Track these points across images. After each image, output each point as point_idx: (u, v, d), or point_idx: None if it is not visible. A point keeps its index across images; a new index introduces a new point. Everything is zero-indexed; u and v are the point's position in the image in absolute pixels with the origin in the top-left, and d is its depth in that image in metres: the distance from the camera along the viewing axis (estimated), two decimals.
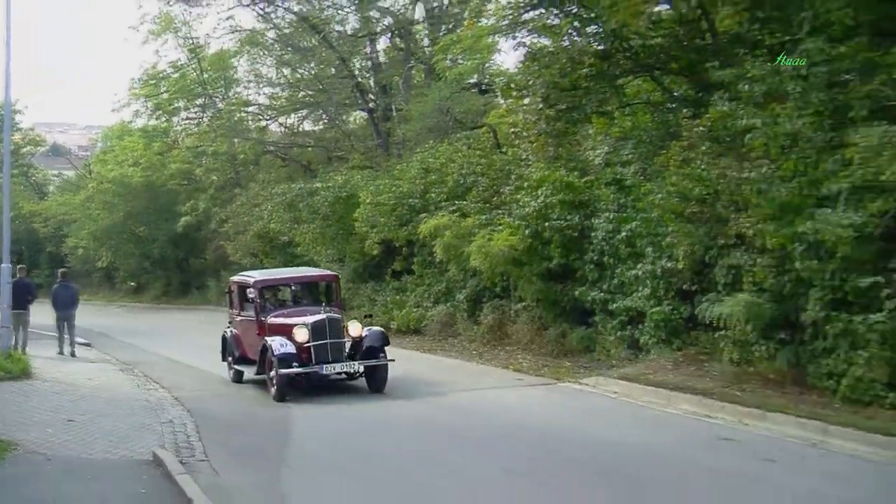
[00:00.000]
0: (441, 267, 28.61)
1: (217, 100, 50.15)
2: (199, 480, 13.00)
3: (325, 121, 46.83)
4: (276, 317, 21.65)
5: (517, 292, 25.59)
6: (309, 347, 20.21)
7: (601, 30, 23.93)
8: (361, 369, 20.77)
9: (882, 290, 15.28)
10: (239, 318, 23.30)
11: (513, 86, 28.03)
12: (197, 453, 15.10)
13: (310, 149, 46.87)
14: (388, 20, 43.19)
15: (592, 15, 23.80)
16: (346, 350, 20.78)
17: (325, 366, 20.18)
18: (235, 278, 24.82)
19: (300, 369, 20.03)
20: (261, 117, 49.23)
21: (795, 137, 17.34)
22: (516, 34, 27.29)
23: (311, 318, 20.61)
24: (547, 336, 24.29)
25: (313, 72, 44.81)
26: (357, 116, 46.67)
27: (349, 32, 43.29)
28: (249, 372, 22.02)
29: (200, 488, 12.49)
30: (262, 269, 33.85)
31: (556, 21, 25.15)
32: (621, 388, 19.27)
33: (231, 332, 23.53)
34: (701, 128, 19.49)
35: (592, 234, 22.72)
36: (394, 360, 21.01)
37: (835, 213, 15.76)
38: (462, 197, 28.55)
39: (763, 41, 20.16)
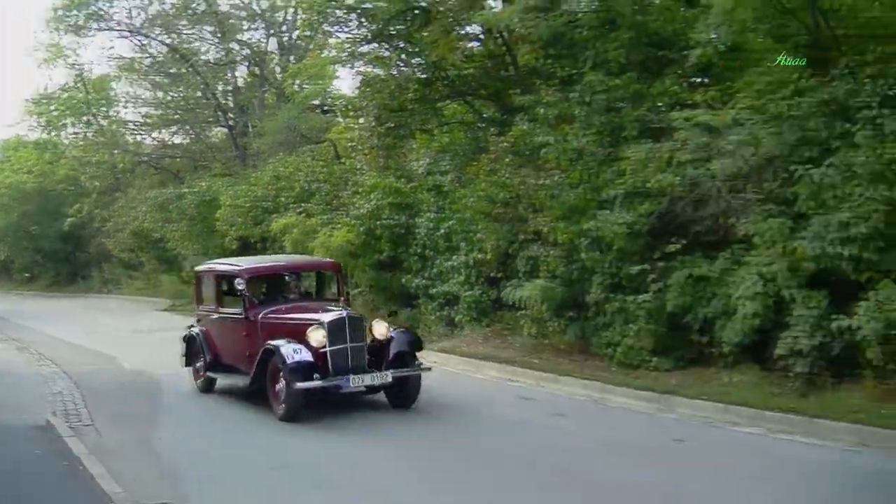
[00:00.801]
0: None
1: (99, 117, 48.86)
2: (85, 442, 12.60)
3: (192, 135, 46.06)
4: (272, 314, 15.16)
5: (354, 280, 25.27)
6: (324, 353, 13.79)
7: (424, 62, 24.00)
8: (390, 380, 14.16)
9: (648, 275, 15.58)
10: (214, 316, 16.63)
11: (350, 107, 28.17)
12: (83, 419, 14.57)
13: (178, 159, 45.83)
14: (245, 51, 42.71)
15: (417, 49, 23.92)
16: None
17: (350, 377, 13.72)
18: (204, 267, 18.10)
19: (322, 382, 13.55)
20: (137, 132, 48.18)
21: (581, 152, 17.61)
22: (353, 64, 27.33)
23: (327, 316, 14.17)
24: (379, 316, 23.97)
25: (182, 94, 44.03)
26: (219, 132, 45.98)
27: (213, 61, 42.70)
28: (227, 379, 16.13)
29: (86, 448, 12.12)
30: (140, 262, 32.94)
31: (387, 54, 25.22)
32: (440, 358, 19.12)
33: (199, 331, 16.81)
34: (505, 143, 19.63)
35: (416, 231, 22.57)
36: (430, 369, 15.20)
37: (612, 213, 16.01)
38: (307, 200, 28.10)
39: (556, 73, 20.39)
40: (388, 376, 14.06)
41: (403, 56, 24.88)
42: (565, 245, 17.00)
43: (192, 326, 17.26)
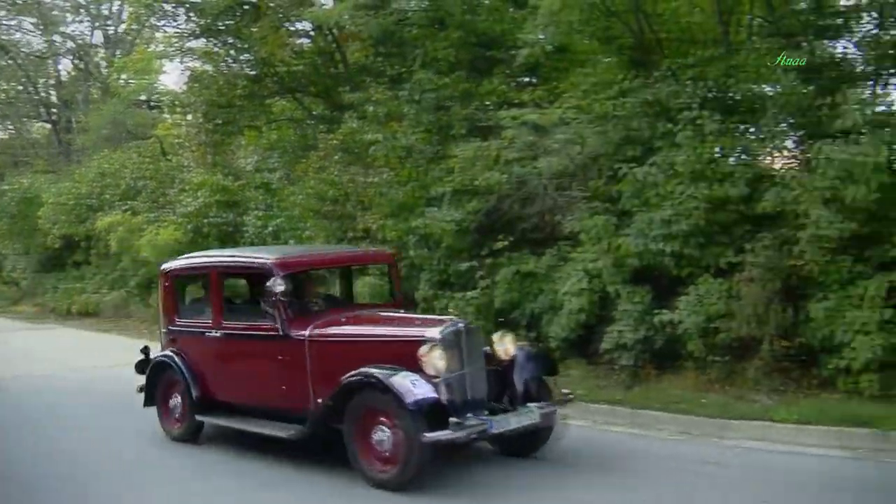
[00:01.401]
0: (116, 258, 27.16)
1: None
2: None
3: (12, 131, 44.25)
4: (327, 327, 10.16)
5: None
6: (438, 384, 9.04)
7: (253, 58, 23.50)
8: (539, 419, 9.55)
9: (476, 272, 15.46)
10: (213, 334, 11.14)
11: (177, 103, 27.43)
12: None
13: None
14: (69, 44, 41.19)
15: (246, 45, 23.37)
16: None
17: (492, 419, 9.21)
18: (187, 263, 12.45)
19: (461, 431, 8.80)
20: None
21: (410, 150, 17.47)
22: (182, 59, 26.67)
23: (435, 330, 9.38)
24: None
25: (1, 87, 42.14)
26: (41, 127, 44.32)
27: (35, 54, 40.98)
28: (230, 424, 10.98)
29: None
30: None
31: (216, 49, 24.56)
32: None
33: (175, 356, 11.60)
34: (334, 141, 19.26)
35: (244, 229, 21.95)
36: (573, 398, 10.65)
37: (440, 211, 15.88)
38: (133, 198, 27.14)
39: (385, 71, 20.27)
40: (534, 414, 9.53)
41: (232, 52, 24.35)
42: (394, 242, 16.72)
43: (145, 349, 12.44)
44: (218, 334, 11.15)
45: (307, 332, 10.01)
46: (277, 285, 10.04)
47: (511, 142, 15.38)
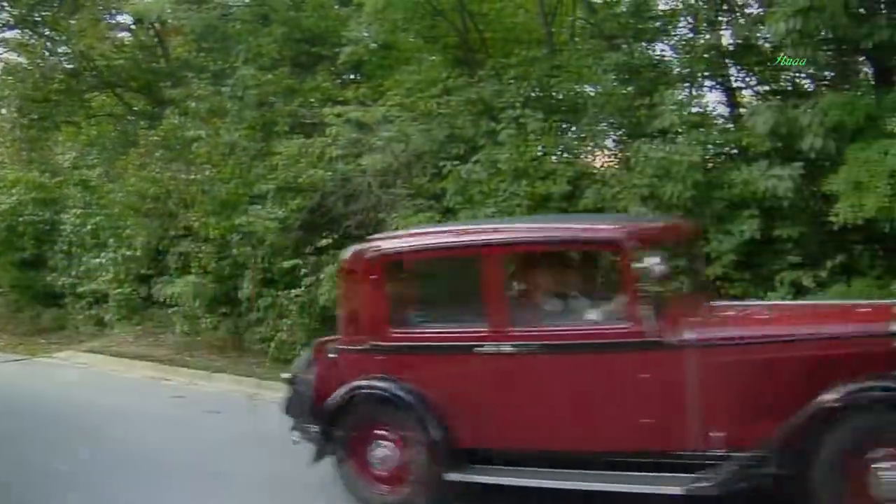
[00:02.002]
0: None
1: None
2: None
3: None
4: (712, 327, 7.05)
5: None
6: None
7: (71, 51, 22.33)
8: None
9: (301, 270, 15.04)
10: (495, 349, 7.09)
11: None
12: None
13: None
14: None
15: (64, 38, 22.20)
16: None
17: None
18: (406, 244, 8.14)
19: None
20: None
21: (233, 147, 16.91)
22: None
23: None
24: (22, 318, 22.18)
25: None
26: None
27: None
28: (502, 480, 7.06)
29: None
30: None
31: (33, 41, 23.31)
32: (89, 359, 17.78)
33: (398, 385, 7.47)
34: (156, 137, 18.36)
35: (62, 227, 20.95)
36: None
37: (264, 208, 15.43)
38: None
39: (208, 67, 19.58)
40: None
41: (49, 44, 23.11)
42: (217, 240, 16.24)
43: (294, 379, 8.57)
44: (508, 349, 7.16)
45: (693, 336, 6.69)
46: (657, 266, 6.60)
47: (335, 139, 15.09)
